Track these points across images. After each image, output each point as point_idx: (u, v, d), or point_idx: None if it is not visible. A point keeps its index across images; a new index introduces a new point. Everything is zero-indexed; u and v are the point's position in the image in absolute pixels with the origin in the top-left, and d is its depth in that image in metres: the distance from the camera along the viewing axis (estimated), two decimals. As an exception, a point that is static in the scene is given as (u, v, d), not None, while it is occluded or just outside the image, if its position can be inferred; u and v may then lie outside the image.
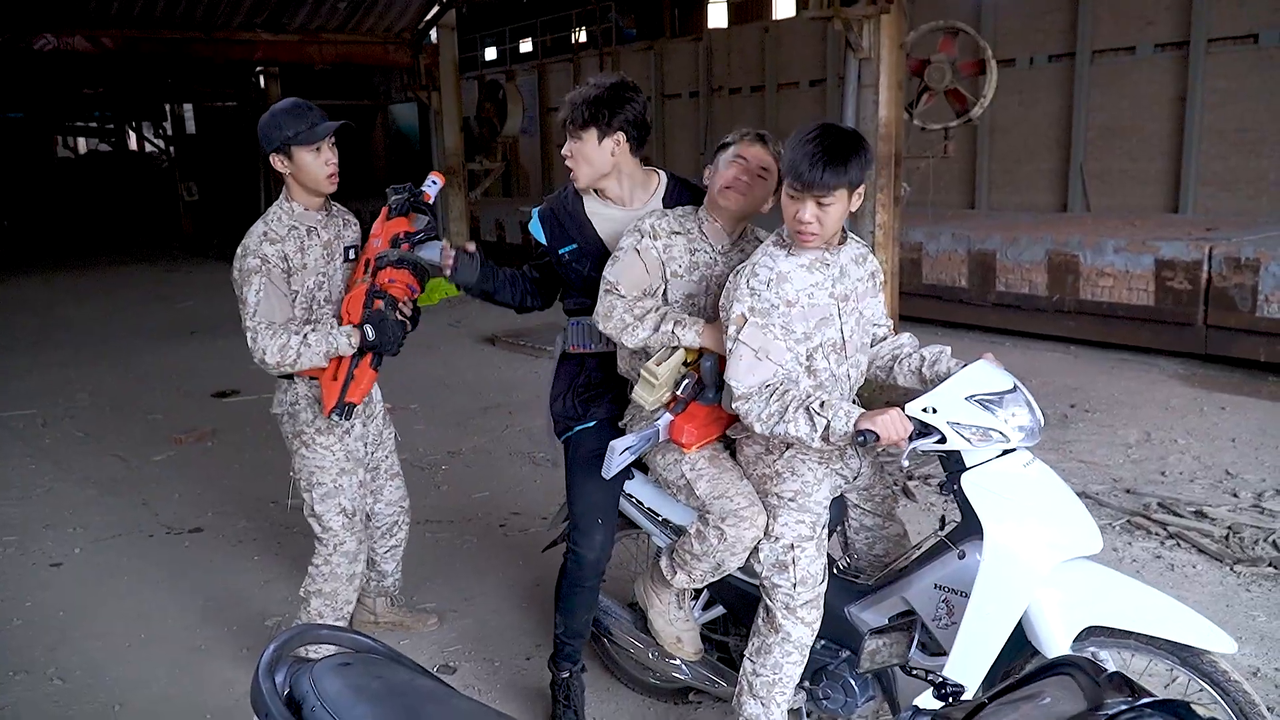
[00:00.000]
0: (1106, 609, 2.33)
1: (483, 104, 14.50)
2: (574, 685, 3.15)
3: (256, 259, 3.07)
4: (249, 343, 3.06)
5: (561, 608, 3.08)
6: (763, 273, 2.52)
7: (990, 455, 2.42)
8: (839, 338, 2.61)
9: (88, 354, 9.35)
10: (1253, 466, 5.34)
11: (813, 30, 13.98)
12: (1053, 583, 2.34)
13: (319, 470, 3.26)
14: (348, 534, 3.30)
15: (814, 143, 2.41)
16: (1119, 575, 2.43)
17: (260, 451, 6.11)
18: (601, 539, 2.97)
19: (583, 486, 2.97)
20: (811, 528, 2.62)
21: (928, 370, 2.67)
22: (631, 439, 2.71)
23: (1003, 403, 2.40)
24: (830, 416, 2.37)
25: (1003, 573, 2.33)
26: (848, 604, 2.73)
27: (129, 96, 20.99)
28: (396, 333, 3.07)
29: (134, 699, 3.44)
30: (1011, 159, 12.14)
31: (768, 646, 2.63)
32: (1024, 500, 2.40)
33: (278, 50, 11.95)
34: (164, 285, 14.32)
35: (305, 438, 3.25)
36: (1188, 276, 7.58)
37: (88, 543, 4.81)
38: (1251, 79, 9.91)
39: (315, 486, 3.27)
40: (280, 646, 1.53)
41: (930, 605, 2.53)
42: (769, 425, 2.45)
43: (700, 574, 2.75)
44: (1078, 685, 1.10)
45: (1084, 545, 2.39)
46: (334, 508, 3.27)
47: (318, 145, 3.07)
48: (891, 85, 6.19)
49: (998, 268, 8.86)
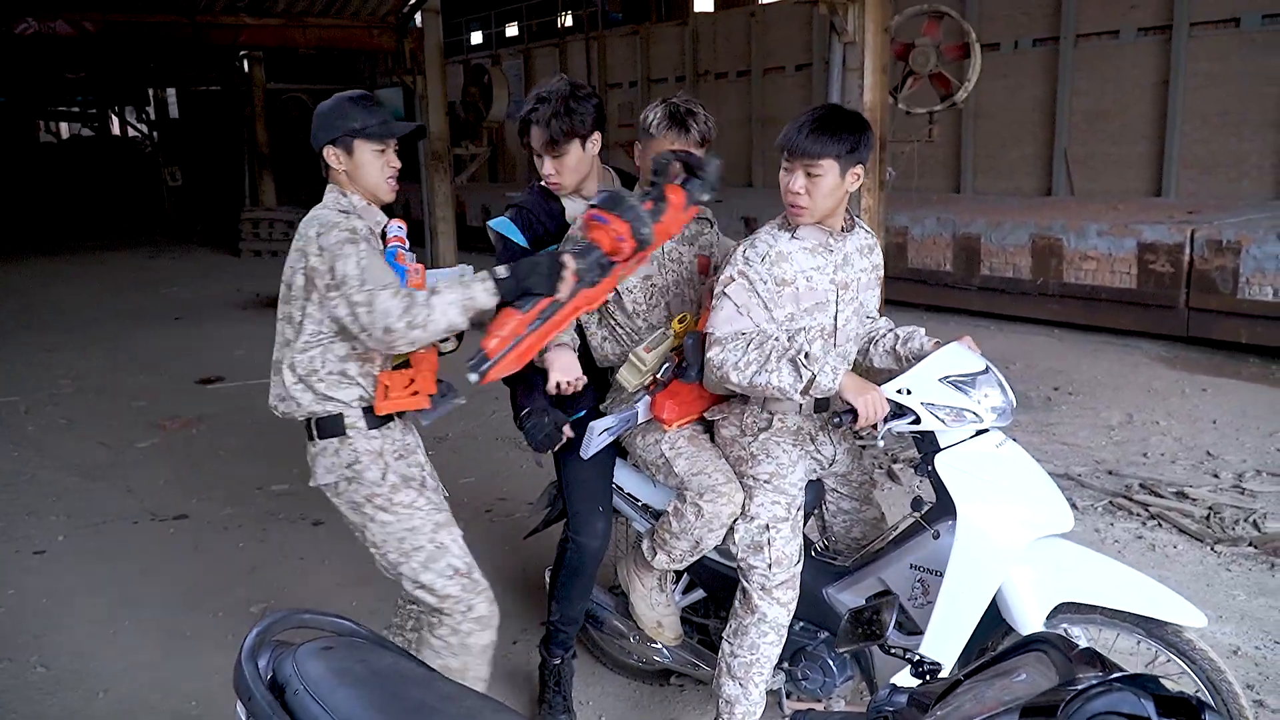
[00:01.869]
0: (1077, 585, 2.36)
1: (468, 89, 14.45)
2: (565, 671, 3.15)
3: (344, 230, 2.50)
4: (363, 317, 2.38)
5: (558, 595, 3.07)
6: (761, 246, 2.54)
7: (964, 436, 2.45)
8: (830, 324, 2.62)
9: (71, 340, 9.29)
10: (1233, 447, 5.39)
11: (798, 15, 13.96)
12: (1025, 560, 2.38)
13: (410, 534, 2.61)
14: (473, 595, 2.66)
15: (809, 114, 2.47)
16: (1089, 552, 2.47)
17: (245, 438, 6.10)
18: (603, 526, 2.96)
19: (578, 475, 2.95)
20: (787, 509, 2.64)
21: (902, 349, 2.72)
22: (611, 420, 2.74)
23: (976, 384, 2.44)
24: (816, 370, 2.39)
25: (975, 551, 2.37)
26: (825, 586, 2.76)
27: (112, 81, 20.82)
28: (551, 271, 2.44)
29: (119, 685, 3.44)
30: (996, 143, 12.16)
31: (745, 628, 2.65)
32: (997, 480, 2.43)
33: (261, 34, 11.86)
34: (148, 271, 14.24)
35: (379, 501, 2.59)
36: (1170, 259, 7.63)
37: (71, 530, 4.79)
38: (1233, 62, 9.95)
39: (412, 555, 2.61)
40: (263, 631, 1.54)
41: (906, 585, 2.58)
42: (747, 375, 2.44)
43: (680, 553, 2.76)
44: (1050, 661, 1.12)
45: (1056, 523, 2.42)
46: (445, 571, 2.63)
47: (384, 146, 2.64)
48: (876, 69, 6.18)
49: (982, 251, 8.89)
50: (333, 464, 2.59)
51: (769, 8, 16.04)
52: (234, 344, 8.89)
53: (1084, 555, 2.44)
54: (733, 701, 2.68)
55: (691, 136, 2.78)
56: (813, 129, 2.43)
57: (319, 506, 4.94)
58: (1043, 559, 2.39)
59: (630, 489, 3.01)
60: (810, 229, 2.58)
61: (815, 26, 13.39)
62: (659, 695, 3.32)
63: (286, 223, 15.81)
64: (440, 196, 12.19)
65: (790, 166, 2.48)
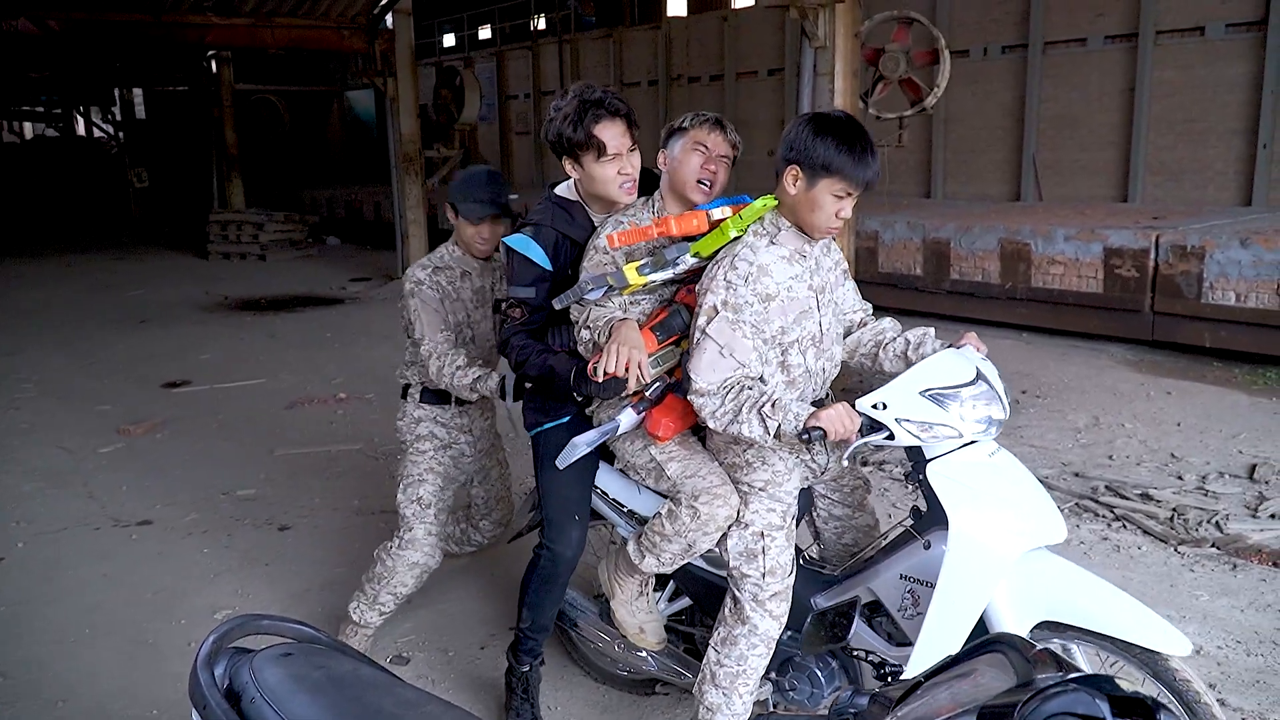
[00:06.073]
0: (1062, 603, 2.31)
1: (440, 91, 14.39)
2: (532, 679, 3.12)
3: (410, 283, 3.34)
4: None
5: (529, 602, 3.02)
6: (741, 266, 2.46)
7: (952, 447, 2.39)
8: (817, 330, 2.58)
9: (34, 343, 9.15)
10: (1197, 450, 5.45)
11: (771, 19, 14.02)
12: (1010, 574, 2.32)
13: (410, 467, 3.57)
14: (417, 522, 3.46)
15: (856, 140, 2.40)
16: (1076, 568, 2.41)
17: (211, 443, 6.03)
18: (578, 535, 2.91)
19: (555, 483, 2.88)
20: (782, 517, 2.59)
21: (913, 354, 2.64)
22: (593, 434, 2.65)
23: (958, 397, 2.37)
24: (780, 418, 2.34)
25: (968, 562, 2.32)
26: (814, 594, 2.71)
27: (76, 80, 20.59)
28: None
29: (80, 694, 3.39)
30: (966, 149, 12.26)
31: (734, 638, 2.59)
32: (989, 489, 2.38)
33: (229, 34, 11.76)
34: (113, 273, 14.06)
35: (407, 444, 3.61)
36: (1135, 264, 7.71)
37: (32, 536, 4.72)
38: (1198, 71, 10.09)
39: (401, 480, 3.58)
40: (220, 637, 1.52)
41: (896, 596, 2.52)
42: (722, 423, 2.42)
43: (670, 556, 2.69)
44: (1009, 662, 1.12)
45: (1048, 534, 2.37)
46: (411, 497, 3.51)
47: (477, 220, 3.26)
48: (847, 74, 6.23)
49: (951, 256, 8.95)
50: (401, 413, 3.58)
51: (741, 12, 16.10)
52: (201, 347, 8.80)
53: (1071, 571, 2.38)
54: (714, 709, 2.61)
55: (729, 138, 2.72)
56: (873, 157, 2.40)
57: (285, 512, 4.90)
58: (1028, 573, 2.34)
59: (615, 494, 2.95)
60: (790, 233, 2.53)
61: (787, 31, 13.45)
62: (627, 700, 3.30)
63: (255, 225, 15.68)
64: (411, 199, 12.15)
65: (848, 195, 2.43)
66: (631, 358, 2.46)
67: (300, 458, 5.73)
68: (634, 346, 2.49)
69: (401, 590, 3.46)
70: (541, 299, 2.77)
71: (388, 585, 3.44)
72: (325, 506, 4.92)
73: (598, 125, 2.67)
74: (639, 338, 2.54)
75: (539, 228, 2.79)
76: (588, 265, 2.72)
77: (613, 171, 2.72)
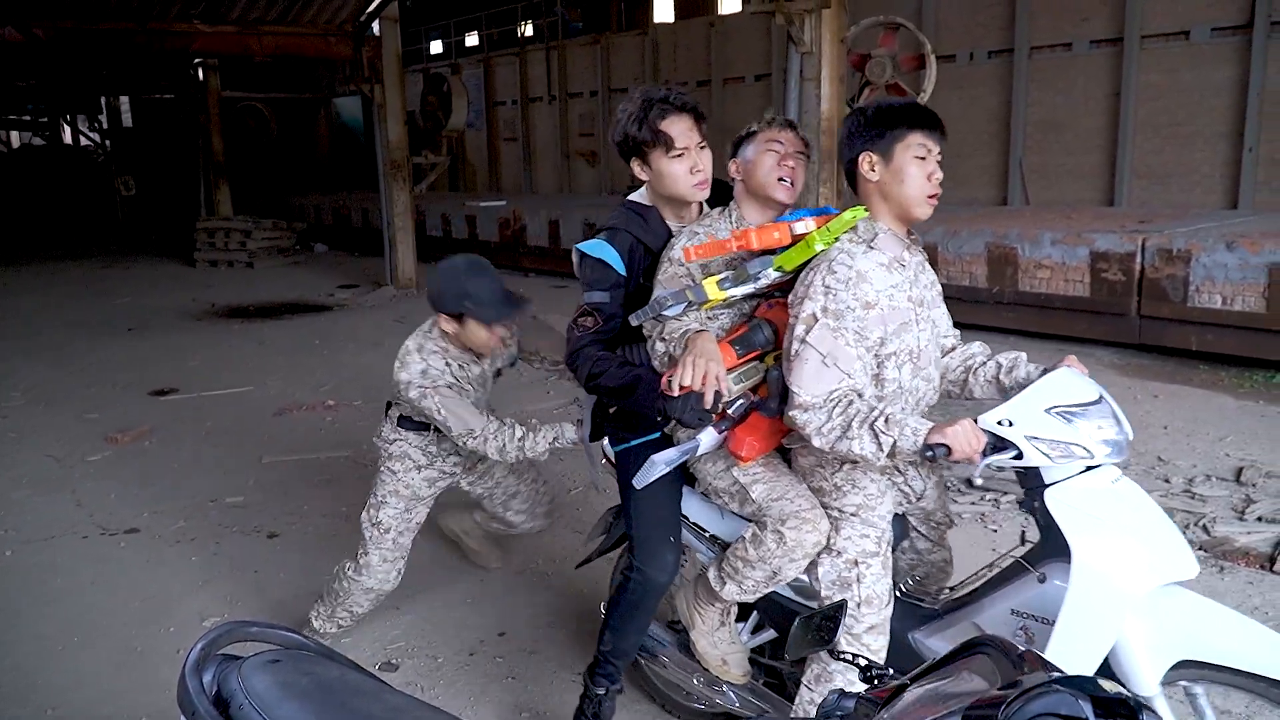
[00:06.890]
0: (1205, 643, 2.09)
1: (427, 97, 14.41)
2: (606, 705, 2.93)
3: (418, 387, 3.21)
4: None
5: (613, 626, 2.84)
6: (840, 270, 2.31)
7: (1073, 471, 2.21)
8: (916, 346, 2.41)
9: (21, 351, 9.11)
10: (1184, 453, 5.48)
11: (757, 25, 14.06)
12: (1141, 611, 2.12)
13: (378, 487, 3.55)
14: (373, 546, 3.49)
15: (906, 100, 2.37)
16: (1214, 604, 2.20)
17: (199, 450, 6.01)
18: (672, 559, 2.73)
19: (645, 503, 2.71)
20: (877, 543, 2.42)
21: (1005, 378, 2.49)
22: (673, 453, 2.49)
23: (1087, 415, 2.21)
24: (896, 434, 2.16)
25: (1094, 598, 2.11)
26: (912, 630, 2.52)
27: (63, 89, 20.51)
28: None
29: (68, 702, 3.37)
30: (953, 153, 12.06)
31: (829, 674, 2.40)
32: (1114, 518, 2.17)
33: (216, 42, 11.77)
34: (100, 281, 14.01)
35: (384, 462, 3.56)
36: (1121, 268, 7.75)
37: (19, 544, 4.69)
38: (1183, 75, 10.15)
39: (369, 499, 3.57)
40: (208, 644, 1.52)
41: (1007, 633, 2.28)
42: (829, 440, 2.25)
43: (753, 584, 2.52)
44: (994, 664, 1.13)
45: (1179, 569, 2.16)
46: (372, 518, 3.52)
47: (497, 321, 3.18)
48: (833, 79, 6.26)
49: (939, 260, 8.98)
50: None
51: (728, 18, 16.14)
52: (188, 355, 8.76)
53: (1209, 608, 2.17)
54: None
55: (800, 135, 2.65)
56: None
57: (273, 519, 4.89)
58: (1161, 609, 2.13)
59: (696, 518, 2.78)
60: (888, 238, 2.39)
61: (774, 37, 13.48)
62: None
63: (242, 232, 15.64)
64: (399, 206, 12.14)
65: (932, 149, 2.31)
66: (709, 370, 2.30)
67: (288, 465, 5.71)
68: (711, 359, 2.33)
69: (357, 610, 3.55)
70: (616, 307, 2.64)
71: (343, 604, 3.53)
72: (314, 513, 4.91)
73: (664, 120, 2.59)
74: (717, 350, 2.38)
75: (614, 231, 2.68)
76: (662, 278, 2.60)
77: (683, 168, 2.62)
